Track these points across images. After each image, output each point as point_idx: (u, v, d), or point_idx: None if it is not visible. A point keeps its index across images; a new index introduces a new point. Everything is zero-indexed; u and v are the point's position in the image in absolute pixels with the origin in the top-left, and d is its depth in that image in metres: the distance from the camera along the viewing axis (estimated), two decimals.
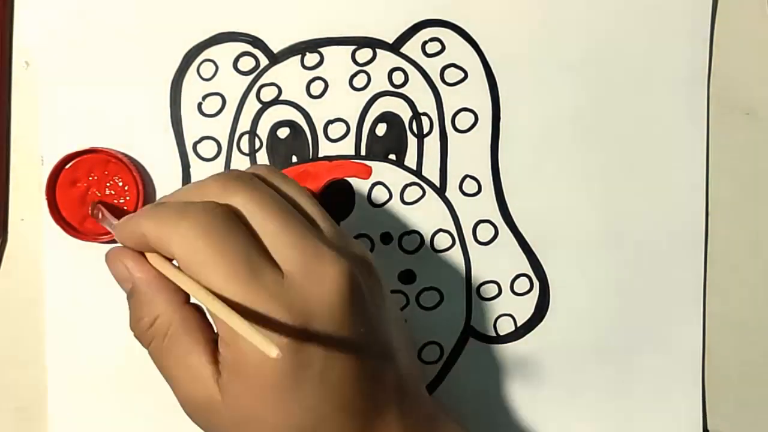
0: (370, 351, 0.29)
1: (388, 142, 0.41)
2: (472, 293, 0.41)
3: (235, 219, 0.28)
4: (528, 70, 0.41)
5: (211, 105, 0.40)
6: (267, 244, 0.28)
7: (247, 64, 0.40)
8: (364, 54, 0.41)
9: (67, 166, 0.39)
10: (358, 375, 0.29)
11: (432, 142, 0.41)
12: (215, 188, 0.29)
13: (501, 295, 0.41)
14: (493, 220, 0.41)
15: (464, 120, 0.41)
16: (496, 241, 0.41)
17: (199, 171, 0.40)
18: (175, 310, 0.30)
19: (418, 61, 0.41)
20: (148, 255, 0.30)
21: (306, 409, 0.28)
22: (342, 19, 0.40)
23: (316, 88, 0.40)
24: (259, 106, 0.40)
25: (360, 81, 0.40)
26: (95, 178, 0.39)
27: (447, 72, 0.41)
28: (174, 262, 0.29)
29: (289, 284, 0.28)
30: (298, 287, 0.28)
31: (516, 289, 0.41)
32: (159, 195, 0.40)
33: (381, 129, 0.41)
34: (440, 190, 0.41)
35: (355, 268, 0.29)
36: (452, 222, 0.41)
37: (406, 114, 0.41)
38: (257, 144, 0.40)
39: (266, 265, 0.28)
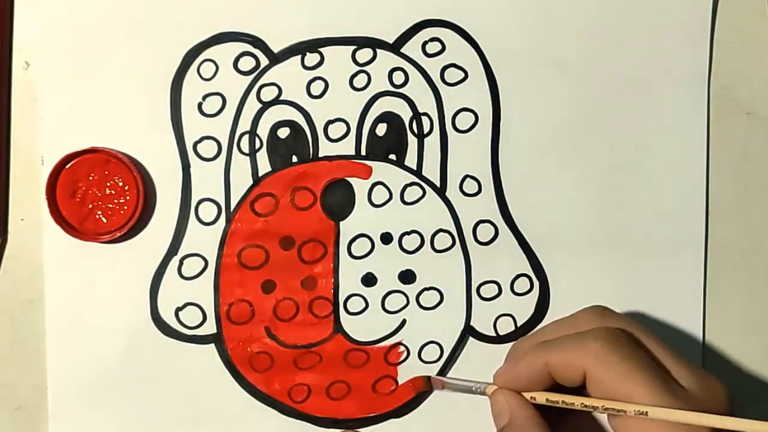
0: None
1: (389, 142, 0.41)
2: (472, 293, 0.41)
3: (633, 338, 0.33)
4: (528, 70, 0.41)
5: (212, 105, 0.40)
6: (663, 362, 0.33)
7: (247, 64, 0.40)
8: (364, 54, 0.41)
9: (67, 166, 0.39)
10: None
11: (432, 142, 0.41)
12: (590, 320, 0.34)
13: (501, 295, 0.41)
14: (493, 220, 0.41)
15: (464, 120, 0.41)
16: (496, 241, 0.41)
17: (200, 171, 0.40)
18: None
19: (419, 61, 0.41)
20: (535, 394, 0.35)
21: None
22: (342, 19, 0.40)
23: (317, 88, 0.40)
24: (260, 106, 0.40)
25: (360, 81, 0.40)
26: (95, 178, 0.39)
27: (447, 72, 0.41)
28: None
29: (693, 397, 0.32)
30: (701, 401, 0.32)
31: (516, 289, 0.41)
32: (159, 195, 0.40)
33: (381, 129, 0.41)
34: (440, 190, 0.41)
35: None
36: (452, 222, 0.41)
37: (406, 114, 0.41)
38: (257, 144, 0.40)
39: (672, 379, 0.32)
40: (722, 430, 0.31)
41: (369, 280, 0.41)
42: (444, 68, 0.41)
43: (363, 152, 0.41)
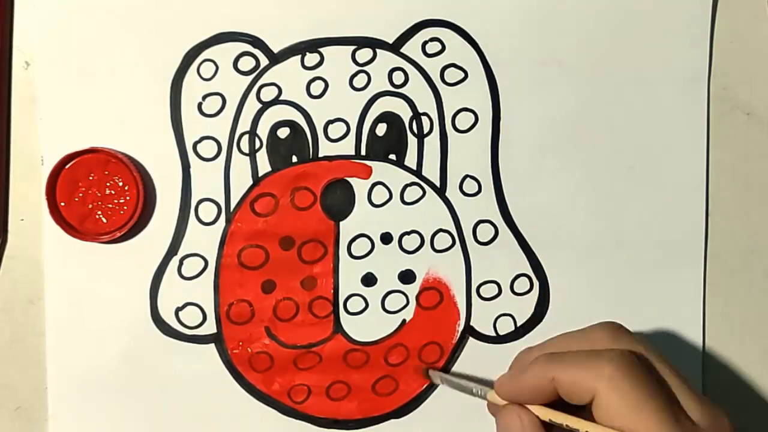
0: None
1: (388, 142, 0.41)
2: (472, 293, 0.41)
3: (647, 367, 0.31)
4: (528, 70, 0.41)
5: (211, 105, 0.40)
6: (674, 391, 0.31)
7: (247, 64, 0.40)
8: (364, 54, 0.41)
9: (67, 166, 0.39)
10: None
11: (432, 142, 0.41)
12: (602, 337, 0.32)
13: (501, 295, 0.41)
14: (493, 220, 0.41)
15: (464, 120, 0.41)
16: (496, 241, 0.41)
17: (200, 171, 0.40)
18: None
19: (418, 61, 0.41)
20: (539, 410, 0.33)
21: None
22: (342, 19, 0.40)
23: (317, 88, 0.40)
24: (260, 106, 0.40)
25: (360, 81, 0.41)
26: (95, 178, 0.39)
27: (447, 72, 0.41)
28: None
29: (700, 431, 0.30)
30: None
31: (516, 289, 0.41)
32: (159, 195, 0.40)
33: (381, 129, 0.41)
34: (440, 190, 0.41)
35: None
36: (452, 222, 0.41)
37: (406, 114, 0.41)
38: (257, 144, 0.40)
39: (682, 413, 0.31)
40: None
41: (369, 280, 0.41)
42: (444, 68, 0.41)
43: (363, 152, 0.41)
